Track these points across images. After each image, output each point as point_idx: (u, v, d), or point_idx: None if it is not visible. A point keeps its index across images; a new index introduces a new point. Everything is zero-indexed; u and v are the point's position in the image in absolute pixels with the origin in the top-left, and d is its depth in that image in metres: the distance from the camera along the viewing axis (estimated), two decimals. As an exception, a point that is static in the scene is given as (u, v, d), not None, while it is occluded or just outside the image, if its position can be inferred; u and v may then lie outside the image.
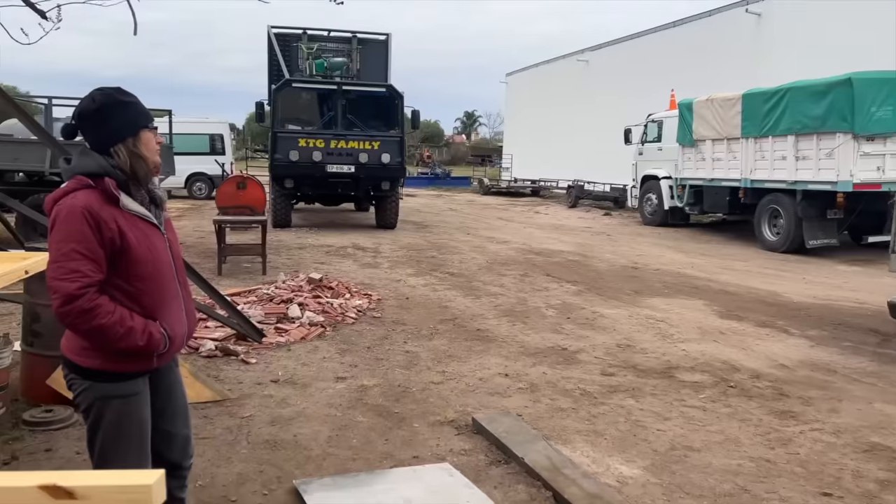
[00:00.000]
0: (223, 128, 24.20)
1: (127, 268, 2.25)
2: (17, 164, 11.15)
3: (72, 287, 2.14)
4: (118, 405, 2.32)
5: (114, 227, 2.20)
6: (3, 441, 3.82)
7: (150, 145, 2.34)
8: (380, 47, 17.58)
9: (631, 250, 12.94)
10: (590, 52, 29.45)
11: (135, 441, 2.37)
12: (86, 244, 2.17)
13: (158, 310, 2.33)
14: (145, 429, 2.40)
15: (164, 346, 2.32)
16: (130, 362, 2.31)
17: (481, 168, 42.27)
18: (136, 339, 2.23)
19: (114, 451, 2.34)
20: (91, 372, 2.31)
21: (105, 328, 2.18)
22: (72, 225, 2.17)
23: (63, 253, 2.17)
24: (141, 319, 2.26)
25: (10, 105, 5.46)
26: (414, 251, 12.02)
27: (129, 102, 2.35)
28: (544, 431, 4.20)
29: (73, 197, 2.21)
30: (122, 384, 2.32)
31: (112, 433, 2.33)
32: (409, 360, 5.63)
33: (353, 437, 4.08)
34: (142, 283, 2.29)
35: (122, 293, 2.26)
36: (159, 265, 2.34)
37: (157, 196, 2.41)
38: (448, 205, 24.12)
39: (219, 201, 10.45)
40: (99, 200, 2.22)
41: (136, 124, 2.32)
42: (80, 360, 2.31)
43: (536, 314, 7.41)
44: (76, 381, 2.35)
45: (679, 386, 5.19)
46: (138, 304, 2.28)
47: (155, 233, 2.36)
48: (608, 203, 22.68)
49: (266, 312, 6.75)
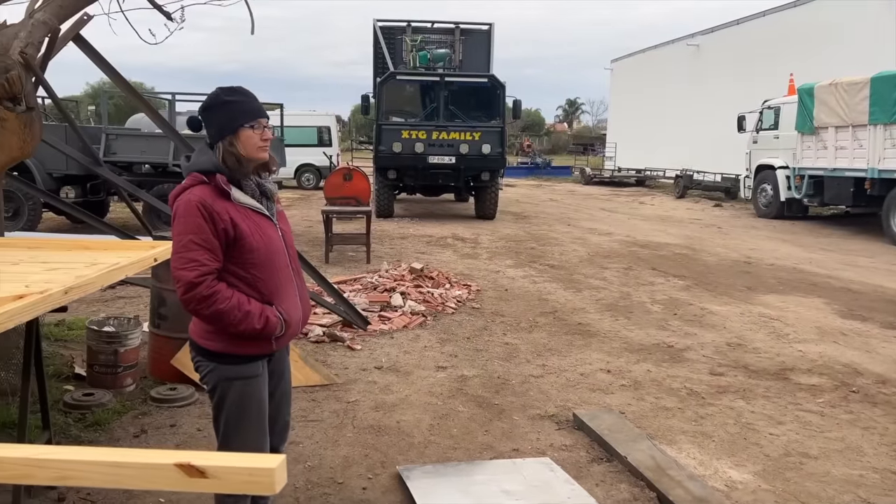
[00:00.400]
0: (330, 120, 24.97)
1: (242, 256, 2.40)
2: (143, 156, 11.98)
3: (191, 275, 2.31)
4: (240, 386, 2.47)
5: (226, 219, 2.35)
6: (133, 415, 4.14)
7: (249, 143, 2.42)
8: (482, 37, 17.56)
9: (743, 244, 12.34)
10: (701, 36, 28.20)
11: (255, 421, 2.51)
12: (202, 235, 2.33)
13: (274, 295, 2.46)
14: (264, 409, 2.54)
15: (281, 329, 2.44)
16: (251, 345, 2.45)
17: (583, 157, 41.46)
18: (253, 322, 2.37)
19: (236, 429, 2.50)
20: (215, 354, 2.47)
21: (223, 313, 2.33)
22: (189, 218, 2.34)
23: (182, 244, 2.35)
24: (258, 304, 2.40)
25: (138, 100, 5.84)
26: (513, 242, 11.98)
27: (231, 101, 2.44)
28: (648, 430, 4.10)
29: (190, 192, 2.38)
30: (243, 366, 2.47)
31: (234, 413, 2.49)
32: (509, 353, 5.63)
33: (453, 427, 4.14)
34: (257, 271, 2.43)
35: (241, 280, 2.41)
36: (273, 254, 2.47)
37: (266, 189, 2.52)
38: (548, 195, 23.85)
39: (326, 192, 10.81)
40: (212, 195, 2.37)
41: (234, 123, 2.42)
42: (205, 343, 2.48)
43: (641, 309, 7.22)
44: (202, 363, 2.52)
45: (794, 389, 4.92)
46: (255, 290, 2.42)
47: (267, 223, 2.49)
48: (719, 194, 21.71)
49: (370, 300, 6.94)
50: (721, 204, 20.22)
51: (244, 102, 2.46)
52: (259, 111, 2.47)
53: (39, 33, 3.72)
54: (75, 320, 5.82)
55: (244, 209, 2.42)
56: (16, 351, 4.21)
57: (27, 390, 3.02)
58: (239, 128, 2.42)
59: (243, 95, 2.49)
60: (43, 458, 1.23)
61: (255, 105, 2.47)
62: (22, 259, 3.19)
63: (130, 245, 3.86)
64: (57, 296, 2.45)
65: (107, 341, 4.49)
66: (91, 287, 2.75)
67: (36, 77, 3.70)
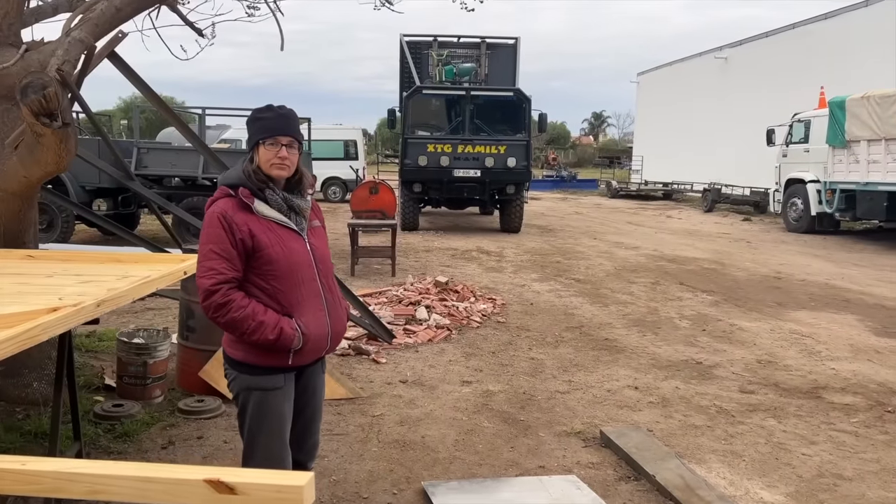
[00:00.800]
0: (357, 134, 25.16)
1: (261, 267, 2.45)
2: (174, 169, 12.17)
3: (208, 283, 2.40)
4: (258, 397, 2.51)
5: (245, 230, 2.42)
6: (161, 427, 4.18)
7: (264, 159, 2.49)
8: (508, 51, 17.62)
9: (773, 258, 12.15)
10: (729, 49, 27.99)
11: (276, 432, 2.53)
12: (220, 245, 2.41)
13: (294, 308, 2.48)
14: (284, 423, 2.55)
15: (298, 342, 2.45)
16: (267, 357, 2.47)
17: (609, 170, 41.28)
18: (266, 332, 2.39)
19: (257, 437, 2.53)
20: (236, 363, 2.53)
21: (237, 321, 2.39)
22: (210, 229, 2.44)
23: (203, 253, 2.45)
24: (274, 315, 2.43)
25: (169, 115, 5.94)
26: (538, 256, 11.93)
27: (257, 118, 2.53)
28: (677, 449, 4.03)
29: (216, 204, 2.49)
30: (262, 377, 2.50)
31: (255, 422, 2.52)
32: (534, 368, 5.59)
33: (478, 443, 4.11)
34: (277, 282, 2.46)
35: (262, 291, 2.46)
36: (295, 266, 2.49)
37: (295, 204, 2.55)
38: (574, 208, 23.74)
39: (353, 205, 10.88)
40: (234, 207, 2.46)
41: (254, 138, 2.53)
42: (230, 351, 2.55)
43: (669, 325, 7.13)
44: (228, 371, 2.58)
45: (827, 408, 4.81)
46: (276, 301, 2.46)
47: (292, 237, 2.52)
48: (748, 208, 21.44)
49: (395, 314, 6.95)
50: (750, 218, 19.96)
51: (266, 120, 2.52)
52: (276, 129, 2.50)
53: (76, 51, 3.81)
54: (106, 331, 5.91)
55: (267, 222, 2.47)
56: (48, 361, 4.29)
57: (59, 401, 3.06)
58: (257, 143, 2.50)
59: (270, 113, 2.54)
60: (74, 472, 1.24)
61: (274, 123, 2.51)
62: (56, 271, 3.25)
63: (161, 258, 3.91)
64: (89, 309, 2.49)
65: (136, 353, 4.55)
66: (122, 300, 2.79)
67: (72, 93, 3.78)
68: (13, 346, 2.06)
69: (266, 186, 2.50)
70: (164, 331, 4.95)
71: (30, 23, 4.87)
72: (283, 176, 2.52)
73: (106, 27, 4.11)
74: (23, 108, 3.37)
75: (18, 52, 3.96)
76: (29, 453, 3.63)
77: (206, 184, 12.17)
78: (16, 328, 2.11)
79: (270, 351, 2.44)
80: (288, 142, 2.50)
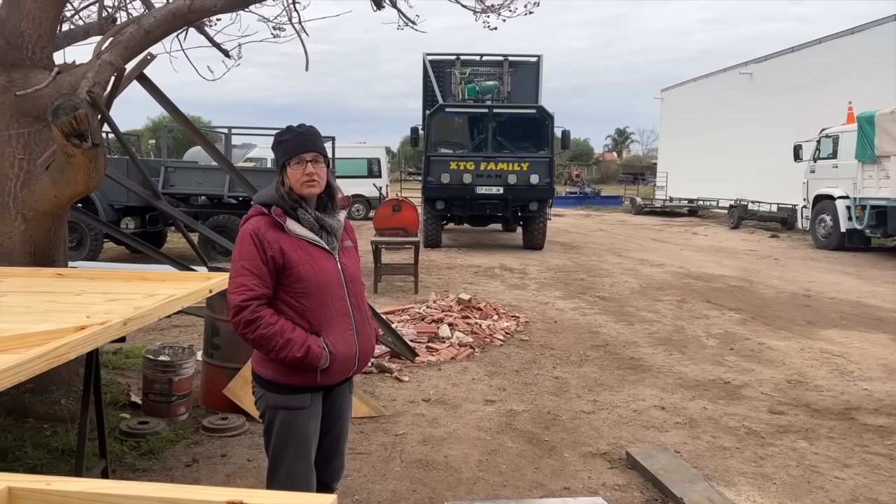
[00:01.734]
0: (380, 152, 25.34)
1: (291, 285, 2.47)
2: (200, 188, 12.35)
3: (238, 299, 2.43)
4: (284, 415, 2.51)
5: (276, 248, 2.45)
6: (186, 444, 4.20)
7: (293, 178, 2.51)
8: (531, 69, 17.68)
9: (802, 276, 11.94)
10: (754, 64, 27.80)
11: (301, 452, 2.52)
12: (252, 262, 2.45)
13: (323, 326, 2.48)
14: (310, 443, 2.55)
15: (325, 361, 2.45)
16: (295, 375, 2.48)
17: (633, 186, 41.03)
18: (294, 350, 2.40)
19: (282, 456, 2.53)
20: (264, 381, 2.54)
21: (265, 338, 2.40)
22: (243, 246, 2.49)
23: (235, 269, 2.49)
24: (302, 333, 2.43)
25: (196, 136, 6.03)
26: (562, 273, 11.86)
27: (282, 141, 2.56)
28: (705, 471, 3.95)
29: (249, 222, 2.54)
30: (288, 396, 2.50)
31: (281, 441, 2.53)
32: (559, 387, 5.53)
33: (502, 463, 4.07)
34: (306, 300, 2.47)
35: (291, 308, 2.48)
36: (325, 285, 2.50)
37: (326, 223, 2.56)
38: (597, 225, 23.61)
39: (376, 223, 10.93)
40: (266, 225, 2.50)
41: (281, 160, 2.56)
42: (258, 368, 2.56)
43: (695, 344, 7.03)
44: (256, 389, 2.60)
45: (861, 430, 4.69)
46: (304, 319, 2.47)
47: (323, 255, 2.53)
48: (775, 224, 21.14)
49: (418, 331, 6.94)
50: (777, 234, 19.68)
51: (290, 140, 2.54)
52: (298, 148, 2.52)
53: (106, 73, 3.89)
54: (132, 348, 5.98)
55: (298, 240, 2.49)
56: (76, 378, 4.34)
57: (86, 420, 3.09)
58: (285, 164, 2.53)
59: (293, 134, 2.56)
60: (99, 493, 1.24)
61: (297, 142, 2.53)
62: (84, 289, 3.30)
63: (187, 276, 3.95)
64: (116, 327, 2.52)
65: (162, 370, 4.58)
66: (149, 318, 2.81)
67: (101, 115, 3.86)
68: (41, 364, 2.09)
69: (299, 206, 2.52)
70: (190, 348, 4.99)
71: (62, 46, 5.00)
72: (314, 193, 2.54)
73: (135, 50, 4.20)
74: (54, 129, 3.44)
75: (51, 75, 4.06)
76: (56, 470, 3.67)
77: (231, 202, 12.32)
78: (44, 346, 2.14)
79: (298, 369, 2.45)
80: (312, 157, 2.52)
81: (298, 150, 2.51)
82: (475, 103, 16.04)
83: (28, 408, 4.28)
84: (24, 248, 4.19)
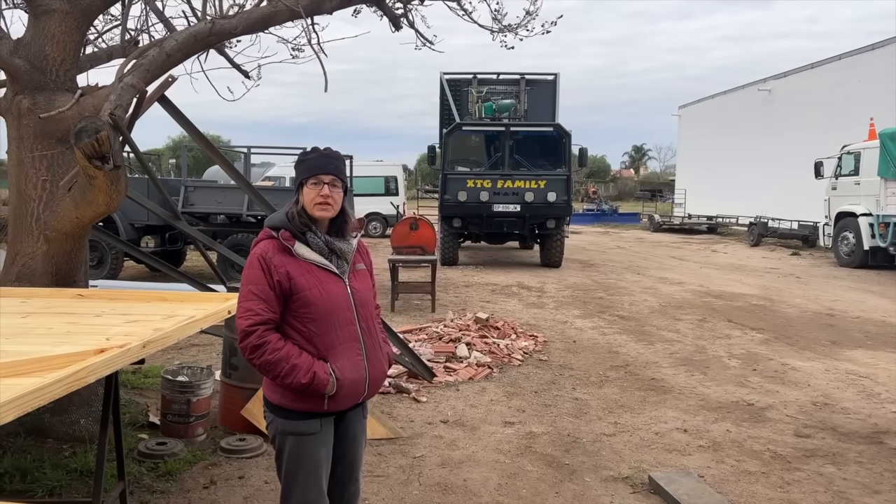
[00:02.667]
0: (397, 170, 25.46)
1: (298, 310, 2.44)
2: (219, 207, 12.44)
3: (245, 324, 2.41)
4: (294, 441, 2.48)
5: (283, 272, 2.42)
6: (203, 466, 4.18)
7: (307, 198, 2.49)
8: (548, 87, 17.70)
9: (825, 294, 11.76)
10: (773, 81, 27.65)
11: (312, 479, 2.48)
12: (259, 286, 2.42)
13: (330, 352, 2.45)
14: (321, 470, 2.50)
15: (332, 388, 2.41)
16: (302, 401, 2.45)
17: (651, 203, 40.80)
18: (299, 376, 2.37)
19: (294, 482, 2.50)
20: (274, 406, 2.52)
21: (271, 363, 2.38)
22: (250, 269, 2.47)
23: (243, 293, 2.46)
24: (308, 358, 2.40)
25: (216, 156, 6.07)
26: (580, 291, 11.77)
27: (303, 160, 2.55)
28: (730, 496, 3.86)
29: (258, 246, 2.51)
30: (297, 422, 2.47)
31: (291, 468, 2.49)
32: (579, 409, 5.46)
33: (522, 487, 4.00)
34: (314, 325, 2.44)
35: (299, 333, 2.45)
36: (333, 310, 2.46)
37: (336, 247, 2.53)
38: (615, 242, 23.47)
39: (393, 241, 10.95)
40: (274, 248, 2.47)
41: (298, 178, 2.54)
42: (268, 394, 2.54)
43: (717, 364, 6.92)
44: (267, 414, 2.57)
45: (890, 454, 4.57)
46: (312, 344, 2.44)
47: (332, 280, 2.49)
48: (796, 242, 20.89)
49: (436, 351, 6.89)
50: (799, 252, 19.43)
51: (310, 160, 2.53)
52: (318, 168, 2.50)
53: (128, 96, 3.93)
54: (151, 368, 5.98)
55: (307, 264, 2.46)
56: (95, 398, 4.35)
57: (104, 441, 3.08)
58: (302, 183, 2.51)
59: (316, 155, 2.54)
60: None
61: (318, 162, 2.51)
62: (104, 311, 3.31)
63: (206, 297, 3.95)
64: (136, 350, 2.51)
65: (180, 391, 4.58)
66: (168, 340, 2.80)
67: (123, 137, 3.89)
68: (61, 388, 2.08)
69: (308, 229, 2.49)
70: (208, 368, 4.98)
71: (85, 69, 5.07)
72: (326, 216, 2.51)
73: (157, 72, 4.25)
74: (77, 151, 3.47)
75: (74, 98, 4.11)
76: (74, 492, 3.66)
77: (250, 221, 12.39)
78: (64, 370, 2.13)
79: (305, 395, 2.42)
80: (330, 180, 2.49)
81: (317, 171, 2.49)
82: (492, 121, 16.08)
83: (48, 428, 4.29)
84: (46, 268, 4.23)
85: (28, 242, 4.23)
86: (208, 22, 4.50)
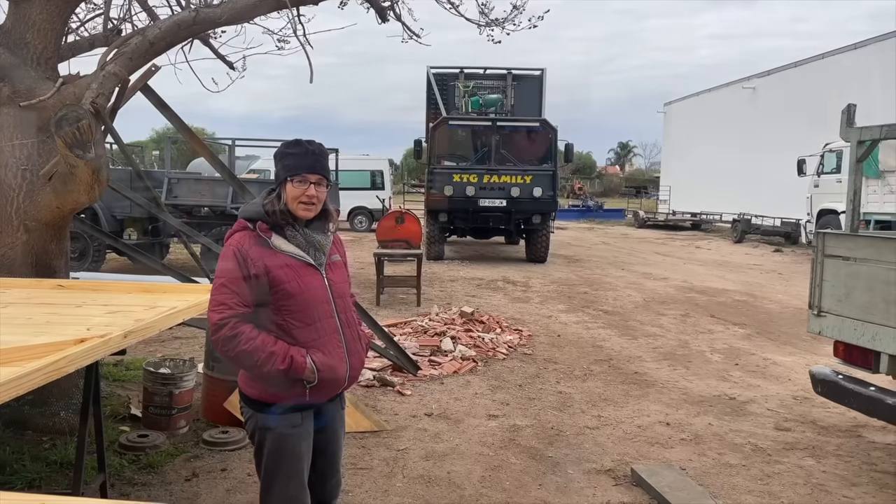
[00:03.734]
0: (383, 164, 25.38)
1: (277, 302, 2.39)
2: (203, 199, 12.34)
3: (216, 317, 2.34)
4: (274, 436, 2.44)
5: (259, 265, 2.36)
6: (186, 458, 4.15)
7: (290, 196, 2.42)
8: (534, 82, 17.73)
9: (806, 290, 11.85)
10: (757, 79, 27.88)
11: (293, 473, 2.45)
12: (232, 279, 2.36)
13: (310, 344, 2.41)
14: (302, 464, 2.48)
15: (311, 374, 2.37)
16: (285, 395, 2.40)
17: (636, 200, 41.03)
18: (276, 363, 2.32)
19: (274, 477, 2.46)
20: (252, 400, 2.47)
21: (246, 353, 2.32)
22: (224, 262, 2.40)
23: (216, 287, 2.40)
24: (283, 345, 2.36)
25: (200, 147, 6.02)
26: (565, 286, 11.82)
27: (287, 154, 2.47)
28: (711, 489, 3.90)
29: (233, 238, 2.45)
30: (279, 416, 2.43)
31: (272, 463, 2.45)
32: (562, 402, 5.48)
33: (505, 479, 4.01)
34: (292, 318, 2.40)
35: (277, 326, 2.40)
36: (311, 303, 2.43)
37: (314, 240, 2.49)
38: (600, 238, 23.58)
39: (379, 235, 10.93)
40: (250, 241, 2.40)
41: (282, 174, 2.45)
42: (245, 388, 2.50)
43: (700, 359, 6.97)
44: (245, 409, 2.53)
45: (868, 447, 4.63)
46: (291, 336, 2.40)
47: (310, 272, 2.45)
48: (778, 238, 21.08)
49: (420, 344, 6.89)
50: (781, 249, 19.63)
51: (296, 156, 2.45)
52: (305, 167, 2.43)
53: (110, 84, 3.88)
54: (133, 360, 5.94)
55: (284, 256, 2.41)
56: (76, 390, 4.31)
57: (85, 433, 3.05)
58: (285, 180, 2.44)
59: (299, 149, 2.47)
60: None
61: (306, 161, 2.44)
62: (85, 301, 3.27)
63: (189, 288, 3.93)
64: (116, 340, 2.49)
65: (162, 383, 4.54)
66: (149, 331, 2.79)
67: (105, 126, 3.85)
68: (40, 377, 2.06)
69: (289, 225, 2.45)
70: (191, 360, 4.95)
71: (67, 57, 5.00)
72: (308, 216, 2.46)
73: (140, 61, 4.20)
74: (57, 140, 3.43)
75: (55, 86, 4.05)
76: (54, 484, 3.62)
77: (234, 213, 12.29)
78: (42, 360, 2.11)
79: (284, 384, 2.37)
80: (317, 180, 2.44)
81: (304, 170, 2.43)
82: (479, 116, 16.08)
83: (27, 420, 4.24)
84: (26, 258, 4.17)
85: (8, 232, 4.17)
86: (192, 10, 4.45)
